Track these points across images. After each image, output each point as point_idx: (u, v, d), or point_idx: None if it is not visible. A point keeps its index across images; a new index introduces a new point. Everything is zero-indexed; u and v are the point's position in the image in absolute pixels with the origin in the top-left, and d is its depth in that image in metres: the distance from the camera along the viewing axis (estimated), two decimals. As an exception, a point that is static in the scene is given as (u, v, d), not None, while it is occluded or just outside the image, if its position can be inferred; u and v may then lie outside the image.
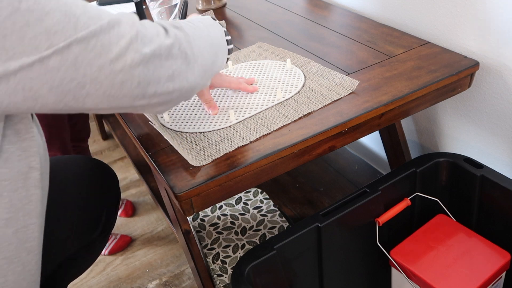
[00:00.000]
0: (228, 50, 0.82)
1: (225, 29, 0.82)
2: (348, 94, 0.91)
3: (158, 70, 0.60)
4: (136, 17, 0.60)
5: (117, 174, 1.88)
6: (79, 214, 0.95)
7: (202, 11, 1.42)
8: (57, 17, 0.51)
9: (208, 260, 1.17)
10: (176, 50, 0.62)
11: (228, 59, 0.83)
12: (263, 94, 0.94)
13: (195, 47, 0.66)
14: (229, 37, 0.82)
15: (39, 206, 0.67)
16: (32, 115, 0.67)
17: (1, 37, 0.48)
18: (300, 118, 0.86)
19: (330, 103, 0.89)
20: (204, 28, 0.73)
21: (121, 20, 0.57)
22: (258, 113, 0.89)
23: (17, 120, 0.61)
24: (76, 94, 0.54)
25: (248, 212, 1.29)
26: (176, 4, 1.36)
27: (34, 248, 0.70)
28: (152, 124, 0.89)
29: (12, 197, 0.62)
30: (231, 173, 0.76)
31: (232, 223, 1.26)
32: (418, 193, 1.04)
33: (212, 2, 1.44)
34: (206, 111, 0.91)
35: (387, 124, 0.92)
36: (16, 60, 0.49)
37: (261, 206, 1.30)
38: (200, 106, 0.94)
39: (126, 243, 1.56)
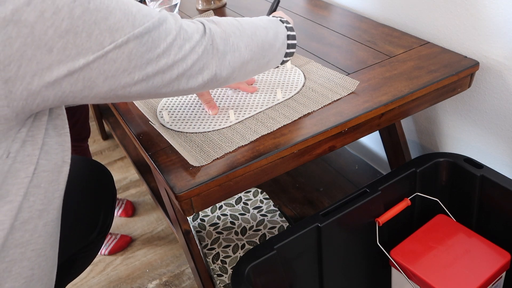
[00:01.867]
0: (287, 53, 0.84)
1: (292, 33, 0.84)
2: (348, 94, 0.91)
3: (193, 64, 0.66)
4: (178, 15, 0.66)
5: (117, 174, 1.89)
6: (77, 216, 0.95)
7: (202, 11, 1.42)
8: (118, 15, 0.57)
9: (208, 260, 1.17)
10: (209, 46, 0.68)
11: (284, 61, 0.85)
12: (263, 94, 0.94)
13: (230, 43, 0.71)
14: (293, 41, 0.84)
15: (61, 202, 0.69)
16: None
17: (72, 35, 0.53)
18: (300, 118, 0.86)
19: (330, 103, 0.89)
20: (253, 29, 0.76)
21: (167, 17, 0.63)
22: (258, 113, 0.89)
23: (55, 115, 0.64)
24: (125, 84, 0.61)
25: (248, 212, 1.29)
26: (176, 4, 1.36)
27: (54, 244, 0.71)
28: (152, 124, 0.89)
29: (48, 189, 0.64)
30: (231, 173, 0.76)
31: (232, 223, 1.26)
32: (418, 193, 1.04)
33: (212, 2, 1.44)
34: (206, 111, 0.91)
35: (387, 124, 0.92)
36: (84, 55, 0.55)
37: (261, 206, 1.30)
38: (200, 106, 0.94)
39: (126, 243, 1.56)
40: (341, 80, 0.95)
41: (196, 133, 0.86)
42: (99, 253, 1.51)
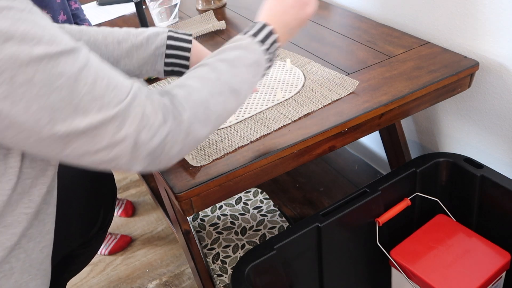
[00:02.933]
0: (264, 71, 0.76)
1: (268, 48, 0.73)
2: (348, 94, 0.91)
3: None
4: (145, 104, 0.58)
5: (117, 174, 1.89)
6: (77, 212, 0.96)
7: (202, 11, 1.42)
8: (62, 95, 0.53)
9: (208, 260, 1.17)
10: (170, 143, 0.61)
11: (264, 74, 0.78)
12: (263, 94, 0.94)
13: (199, 123, 0.64)
14: (268, 64, 0.75)
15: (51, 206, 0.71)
16: None
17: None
18: (300, 118, 0.86)
19: (330, 103, 0.89)
20: (225, 85, 0.67)
21: (127, 117, 0.57)
22: (258, 113, 0.89)
23: None
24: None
25: (248, 212, 1.29)
26: (176, 4, 1.36)
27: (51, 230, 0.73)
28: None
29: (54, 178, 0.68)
30: (231, 173, 0.76)
31: (232, 223, 1.26)
32: (418, 193, 1.04)
33: (212, 2, 1.44)
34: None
35: (387, 124, 0.92)
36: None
37: (261, 206, 1.30)
38: (200, 106, 0.94)
39: (126, 243, 1.56)
40: (341, 80, 0.95)
41: (196, 133, 0.86)
42: (99, 253, 1.51)
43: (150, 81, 1.07)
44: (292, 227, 0.92)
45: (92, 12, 1.56)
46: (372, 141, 1.48)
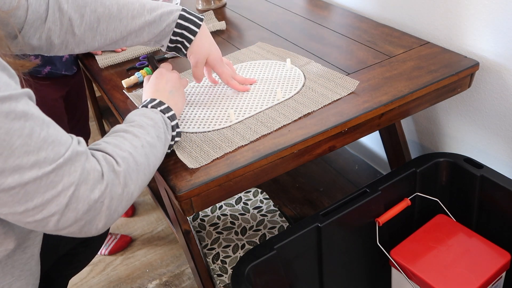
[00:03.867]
0: (172, 139, 0.79)
1: (163, 114, 0.77)
2: (348, 94, 0.91)
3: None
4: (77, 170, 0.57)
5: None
6: None
7: (202, 11, 1.42)
8: None
9: (208, 260, 1.17)
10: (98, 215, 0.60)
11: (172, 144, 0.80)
12: (263, 94, 0.94)
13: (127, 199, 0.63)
14: (172, 133, 0.78)
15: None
16: None
17: None
18: (300, 118, 0.86)
19: (330, 103, 0.89)
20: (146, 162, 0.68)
21: (65, 173, 0.55)
22: (258, 113, 0.89)
23: None
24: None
25: (248, 212, 1.29)
26: (176, 4, 1.36)
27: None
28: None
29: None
30: (231, 173, 0.76)
31: (232, 223, 1.26)
32: (418, 193, 1.04)
33: (212, 2, 1.44)
34: (206, 111, 0.92)
35: (387, 124, 0.92)
36: None
37: (261, 206, 1.30)
38: (200, 106, 0.94)
39: (126, 243, 1.56)
40: (341, 80, 0.95)
41: (196, 133, 0.86)
42: (99, 253, 1.51)
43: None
44: (292, 227, 0.92)
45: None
46: (372, 141, 1.48)
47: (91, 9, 0.81)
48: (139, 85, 1.06)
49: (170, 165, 0.79)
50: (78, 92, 1.50)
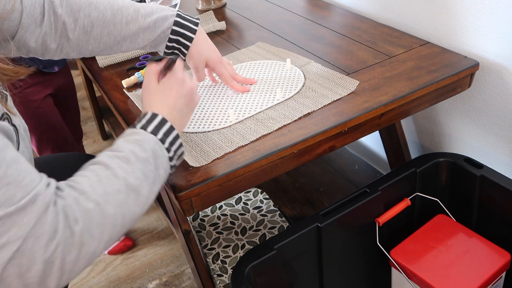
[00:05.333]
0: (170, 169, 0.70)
1: (176, 148, 0.69)
2: (348, 94, 0.91)
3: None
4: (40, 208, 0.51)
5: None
6: None
7: (202, 11, 1.42)
8: None
9: (208, 260, 1.17)
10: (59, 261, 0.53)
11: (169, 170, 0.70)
12: (263, 94, 0.94)
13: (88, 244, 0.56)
14: (173, 163, 0.69)
15: None
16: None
17: None
18: (300, 118, 0.86)
19: (330, 103, 0.89)
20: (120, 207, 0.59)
21: (17, 222, 0.50)
22: (258, 113, 0.89)
23: None
24: None
25: (248, 212, 1.29)
26: (176, 4, 1.36)
27: None
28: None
29: None
30: (231, 173, 0.76)
31: (232, 223, 1.26)
32: (418, 193, 1.04)
33: (212, 2, 1.44)
34: (206, 111, 0.92)
35: (387, 124, 0.92)
36: None
37: (261, 206, 1.30)
38: (199, 106, 0.94)
39: (126, 247, 1.55)
40: (341, 80, 0.95)
41: (196, 133, 0.86)
42: None
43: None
44: (292, 227, 0.92)
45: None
46: (372, 141, 1.48)
47: (85, 14, 0.80)
48: (139, 85, 1.06)
49: (170, 165, 0.79)
50: (67, 96, 1.50)
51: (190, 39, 0.86)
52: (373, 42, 1.09)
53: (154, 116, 0.69)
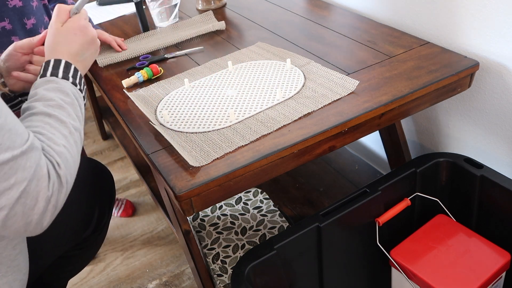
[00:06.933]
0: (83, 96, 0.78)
1: (74, 81, 0.76)
2: (348, 94, 0.91)
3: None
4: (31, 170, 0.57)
5: (117, 174, 1.89)
6: (69, 212, 0.95)
7: (202, 11, 1.42)
8: None
9: (208, 260, 1.17)
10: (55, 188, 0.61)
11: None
12: (263, 94, 0.94)
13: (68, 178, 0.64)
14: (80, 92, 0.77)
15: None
16: None
17: None
18: (300, 118, 0.86)
19: (330, 103, 0.89)
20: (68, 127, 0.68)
21: (21, 165, 0.56)
22: (258, 113, 0.89)
23: None
24: None
25: (248, 212, 1.29)
26: (176, 4, 1.36)
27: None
28: (152, 124, 0.89)
29: None
30: (231, 173, 0.76)
31: (232, 223, 1.26)
32: (418, 193, 1.04)
33: (212, 2, 1.44)
34: (206, 111, 0.92)
35: (387, 124, 0.92)
36: None
37: (261, 206, 1.30)
38: (200, 106, 0.94)
39: (131, 211, 1.68)
40: (341, 80, 0.95)
41: (196, 133, 0.86)
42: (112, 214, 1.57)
43: (150, 81, 1.07)
44: (292, 227, 0.92)
45: (92, 12, 1.56)
46: (372, 141, 1.48)
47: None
48: (139, 85, 1.06)
49: (170, 165, 0.79)
50: None
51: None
52: (373, 42, 1.09)
53: (58, 62, 0.75)
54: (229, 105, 0.92)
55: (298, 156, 0.82)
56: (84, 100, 0.78)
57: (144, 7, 1.34)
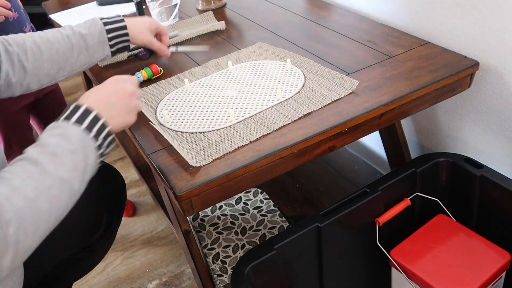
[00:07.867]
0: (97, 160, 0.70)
1: (104, 139, 0.70)
2: (348, 94, 0.91)
3: None
4: None
5: (117, 174, 1.89)
6: (78, 215, 0.95)
7: (202, 11, 1.42)
8: None
9: (208, 260, 1.17)
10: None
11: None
12: (263, 94, 0.94)
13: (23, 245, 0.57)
14: (100, 157, 0.70)
15: None
16: None
17: None
18: (300, 118, 0.86)
19: (330, 103, 0.89)
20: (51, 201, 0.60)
21: None
22: (258, 113, 0.89)
23: None
24: None
25: (248, 212, 1.29)
26: (176, 4, 1.36)
27: None
28: (152, 124, 0.89)
29: None
30: (231, 173, 0.76)
31: (232, 223, 1.26)
32: (418, 193, 1.04)
33: (212, 2, 1.44)
34: (206, 111, 0.92)
35: (387, 124, 0.92)
36: None
37: (261, 206, 1.30)
38: (200, 106, 0.94)
39: (132, 210, 1.65)
40: (341, 80, 0.95)
41: (196, 133, 0.86)
42: None
43: (150, 81, 1.07)
44: (292, 227, 0.92)
45: (92, 12, 1.55)
46: (372, 141, 1.48)
47: (30, 42, 0.89)
48: (139, 85, 1.06)
49: (170, 165, 0.79)
50: (52, 101, 1.45)
51: (124, 27, 0.98)
52: (373, 42, 1.09)
53: (77, 107, 0.69)
54: (229, 105, 0.93)
55: (298, 156, 0.82)
56: (100, 150, 0.69)
57: (144, 7, 1.34)
